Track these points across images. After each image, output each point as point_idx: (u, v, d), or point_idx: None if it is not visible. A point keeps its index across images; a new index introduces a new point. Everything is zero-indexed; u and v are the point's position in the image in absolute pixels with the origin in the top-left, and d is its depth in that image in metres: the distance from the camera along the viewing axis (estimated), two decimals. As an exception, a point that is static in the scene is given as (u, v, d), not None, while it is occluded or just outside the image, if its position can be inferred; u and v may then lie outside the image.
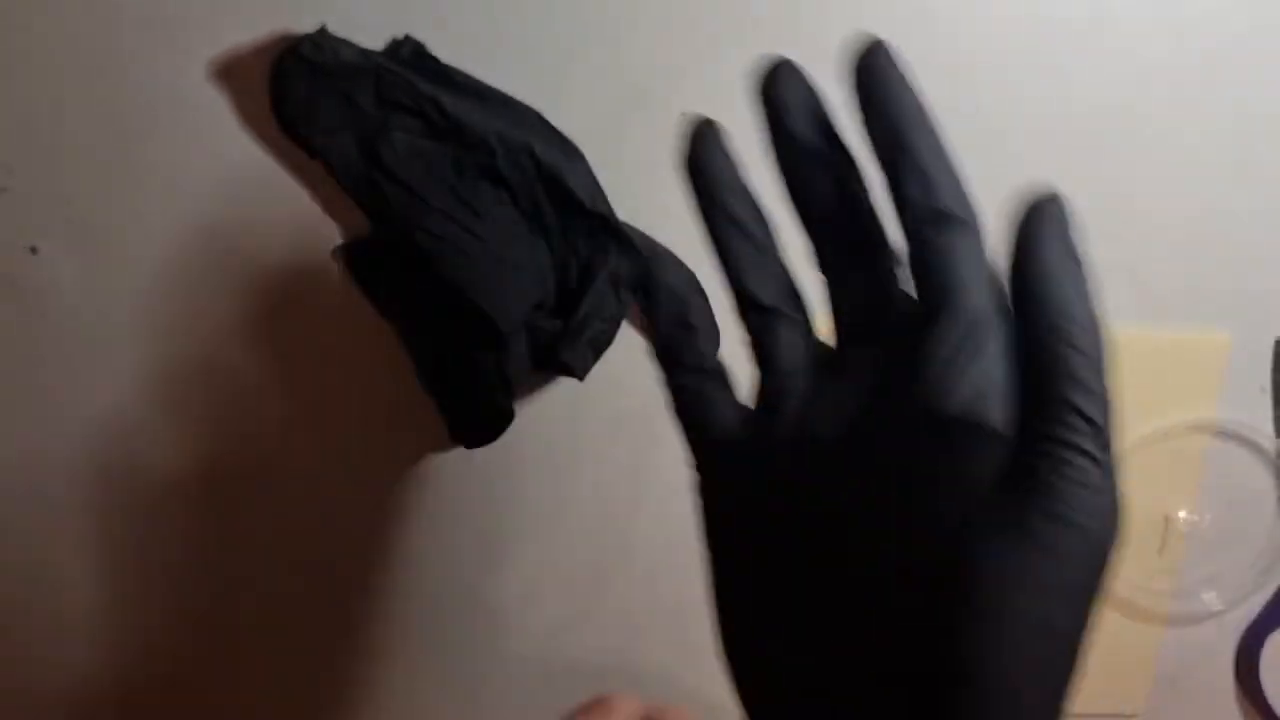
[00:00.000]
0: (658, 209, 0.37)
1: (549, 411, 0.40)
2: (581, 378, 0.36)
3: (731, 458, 0.24)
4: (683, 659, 0.44)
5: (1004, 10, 0.35)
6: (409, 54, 0.34)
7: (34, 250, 0.36)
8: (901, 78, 0.22)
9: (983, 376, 0.20)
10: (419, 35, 0.34)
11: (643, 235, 0.37)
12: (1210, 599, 0.43)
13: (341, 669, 0.41)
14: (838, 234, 0.23)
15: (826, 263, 0.23)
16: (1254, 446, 0.41)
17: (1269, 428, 0.40)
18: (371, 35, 0.35)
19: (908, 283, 0.22)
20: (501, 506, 0.41)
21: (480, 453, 0.40)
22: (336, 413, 0.39)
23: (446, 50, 0.35)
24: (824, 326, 0.24)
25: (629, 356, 0.39)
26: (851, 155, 0.23)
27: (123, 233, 0.36)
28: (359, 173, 0.34)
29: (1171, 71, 0.36)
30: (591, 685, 0.44)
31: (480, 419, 0.36)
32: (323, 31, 0.33)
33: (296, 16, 0.34)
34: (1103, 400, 0.20)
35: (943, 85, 0.36)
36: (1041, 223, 0.21)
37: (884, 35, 0.35)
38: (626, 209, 0.37)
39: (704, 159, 0.24)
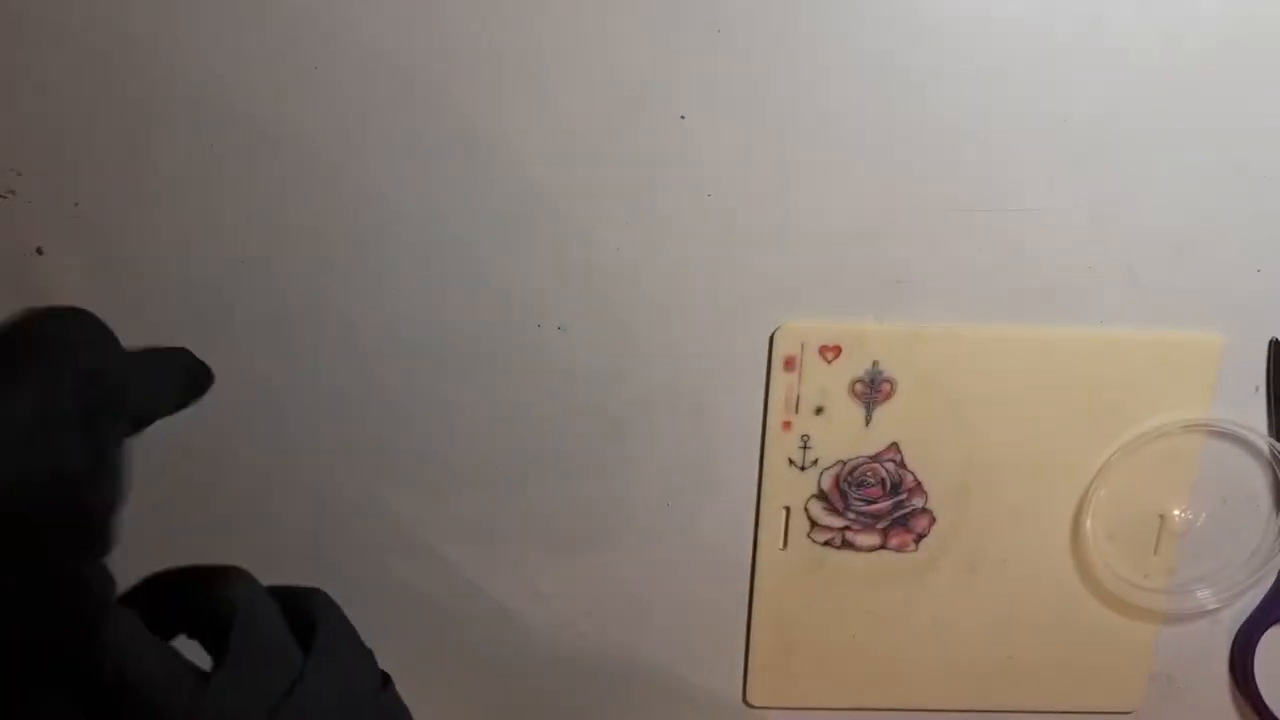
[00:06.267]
0: (656, 210, 0.37)
1: (547, 411, 0.40)
2: None
3: None
4: (683, 658, 0.44)
5: (1000, 17, 0.35)
6: None
7: (40, 251, 0.37)
8: None
9: None
10: (419, 35, 0.35)
11: None
12: (1205, 597, 0.43)
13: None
14: None
15: None
16: (1248, 446, 0.41)
17: (1263, 427, 0.41)
18: (371, 34, 0.35)
19: None
20: (501, 505, 0.41)
21: (481, 453, 0.40)
22: (338, 411, 0.40)
23: (445, 51, 0.35)
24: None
25: (629, 356, 0.39)
26: None
27: (128, 235, 0.37)
28: None
29: (1165, 75, 0.36)
30: (592, 683, 0.44)
31: None
32: None
33: (302, 19, 0.35)
34: None
35: (941, 91, 0.36)
36: None
37: (881, 42, 0.35)
38: (625, 212, 0.37)
39: None
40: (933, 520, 0.42)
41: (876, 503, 0.41)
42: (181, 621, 0.25)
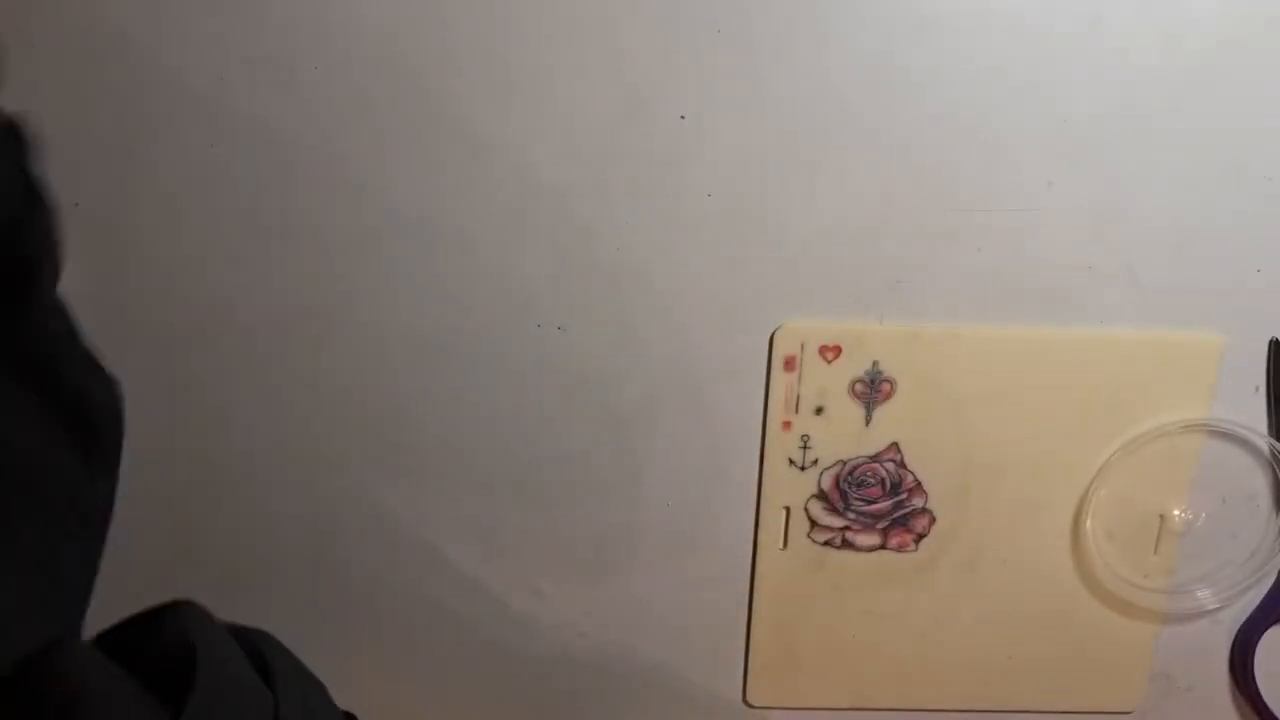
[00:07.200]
0: (657, 210, 0.37)
1: (549, 411, 0.40)
2: None
3: None
4: (683, 657, 0.44)
5: (1000, 17, 0.35)
6: None
7: (40, 251, 0.37)
8: None
9: None
10: (420, 35, 0.35)
11: None
12: (1205, 596, 0.43)
13: (344, 664, 0.42)
14: None
15: None
16: (1248, 445, 0.41)
17: (1263, 427, 0.41)
18: (372, 34, 0.35)
19: None
20: (502, 505, 0.41)
21: (481, 453, 0.40)
22: (337, 410, 0.40)
23: (446, 51, 0.35)
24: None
25: (629, 356, 0.39)
26: None
27: (128, 235, 0.37)
28: None
29: (1165, 75, 0.36)
30: (592, 682, 0.44)
31: None
32: None
33: (303, 18, 0.35)
34: None
35: (941, 91, 0.36)
36: None
37: (882, 43, 0.35)
38: (625, 212, 0.37)
39: None
40: (933, 520, 0.42)
41: (876, 503, 0.41)
42: (138, 668, 0.22)
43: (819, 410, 0.40)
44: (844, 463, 0.41)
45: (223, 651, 0.23)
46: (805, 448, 0.40)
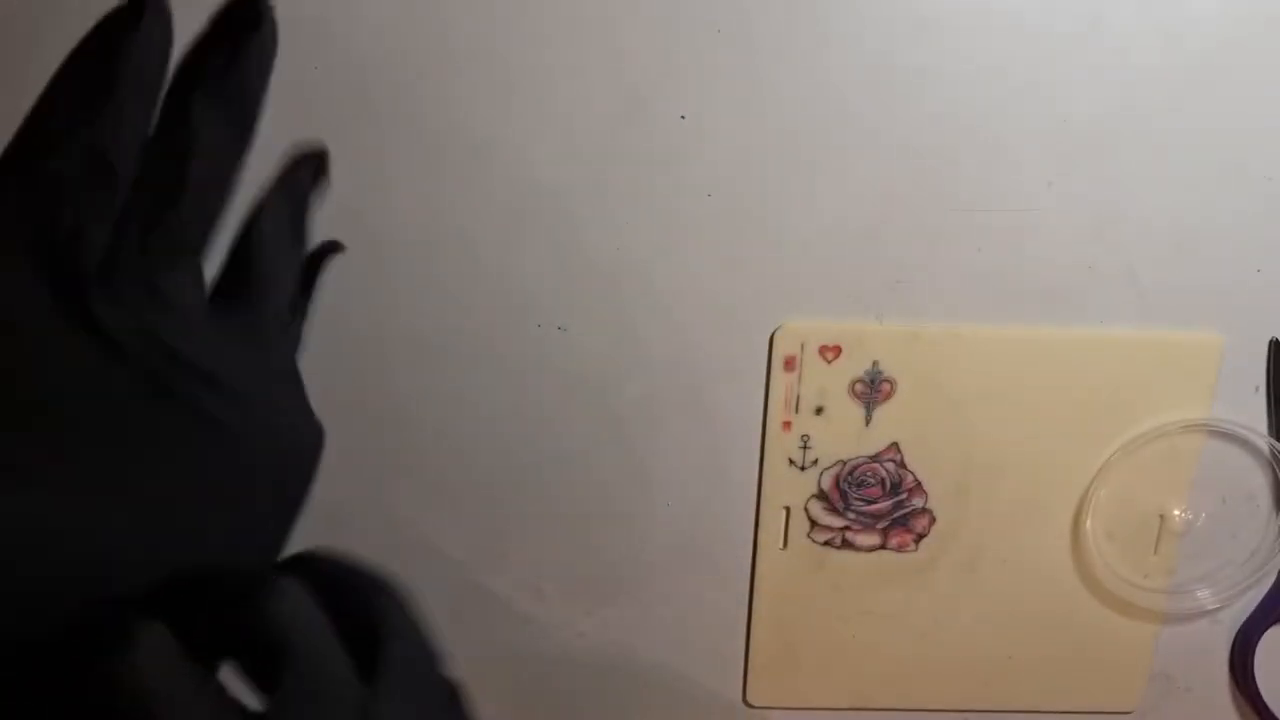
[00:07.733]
0: (657, 210, 0.37)
1: (547, 412, 0.40)
2: None
3: None
4: (683, 657, 0.44)
5: (1001, 19, 0.35)
6: None
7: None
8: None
9: None
10: (419, 34, 0.35)
11: None
12: (1204, 596, 0.43)
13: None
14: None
15: None
16: (1248, 446, 0.41)
17: (1263, 427, 0.41)
18: (373, 32, 0.35)
19: None
20: (503, 506, 0.41)
21: (481, 453, 0.40)
22: (336, 410, 0.40)
23: (445, 50, 0.35)
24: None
25: (629, 356, 0.39)
26: None
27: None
28: None
29: (1165, 75, 0.36)
30: (592, 683, 0.44)
31: None
32: None
33: (302, 17, 0.35)
34: None
35: (941, 91, 0.36)
36: None
37: (882, 43, 0.35)
38: (625, 212, 0.37)
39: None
40: (933, 520, 0.42)
41: (876, 503, 0.41)
42: (221, 643, 0.21)
43: (819, 410, 0.40)
44: (844, 463, 0.41)
45: (317, 644, 0.22)
46: (805, 448, 0.40)
